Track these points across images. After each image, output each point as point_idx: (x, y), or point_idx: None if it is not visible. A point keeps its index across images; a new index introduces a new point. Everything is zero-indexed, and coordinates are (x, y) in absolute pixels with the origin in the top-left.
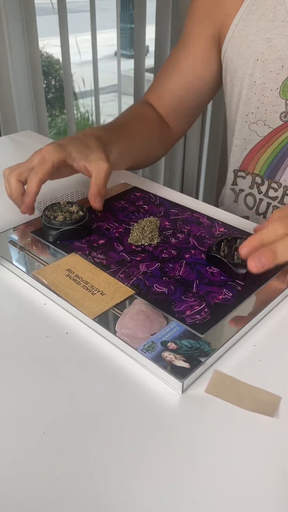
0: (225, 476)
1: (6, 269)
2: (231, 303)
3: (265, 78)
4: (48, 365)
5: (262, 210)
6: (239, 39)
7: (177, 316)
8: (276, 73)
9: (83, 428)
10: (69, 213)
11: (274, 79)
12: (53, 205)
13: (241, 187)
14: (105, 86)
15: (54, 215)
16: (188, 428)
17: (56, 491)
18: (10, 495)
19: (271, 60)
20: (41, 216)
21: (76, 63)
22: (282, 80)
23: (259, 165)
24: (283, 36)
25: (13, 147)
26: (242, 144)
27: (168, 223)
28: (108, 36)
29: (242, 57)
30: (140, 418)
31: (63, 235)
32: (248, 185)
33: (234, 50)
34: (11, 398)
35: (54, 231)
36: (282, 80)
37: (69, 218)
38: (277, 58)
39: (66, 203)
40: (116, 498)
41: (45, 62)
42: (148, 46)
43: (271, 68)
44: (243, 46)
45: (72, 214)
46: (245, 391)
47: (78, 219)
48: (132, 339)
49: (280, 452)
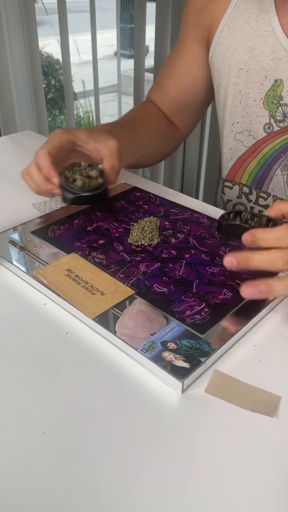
0: (225, 476)
1: (6, 269)
2: (231, 303)
3: (249, 88)
4: (48, 365)
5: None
6: (224, 46)
7: (177, 316)
8: (260, 83)
9: (83, 428)
10: (88, 178)
11: (258, 89)
12: (73, 165)
13: (228, 197)
14: (105, 86)
15: (73, 178)
16: (188, 428)
17: (56, 491)
18: (10, 495)
19: (254, 70)
20: (60, 174)
21: (76, 63)
22: (266, 91)
23: (245, 175)
24: (266, 46)
25: (13, 147)
26: (229, 153)
27: (168, 223)
28: (108, 36)
29: (226, 65)
30: (140, 418)
31: (79, 200)
32: (235, 195)
33: (219, 57)
34: (11, 398)
35: (72, 195)
36: (265, 91)
37: (88, 185)
38: (260, 68)
39: (87, 165)
40: (116, 498)
41: (45, 62)
42: (148, 46)
43: (255, 78)
44: (227, 54)
45: (91, 180)
46: (245, 391)
47: (97, 186)
48: (132, 339)
49: (280, 452)
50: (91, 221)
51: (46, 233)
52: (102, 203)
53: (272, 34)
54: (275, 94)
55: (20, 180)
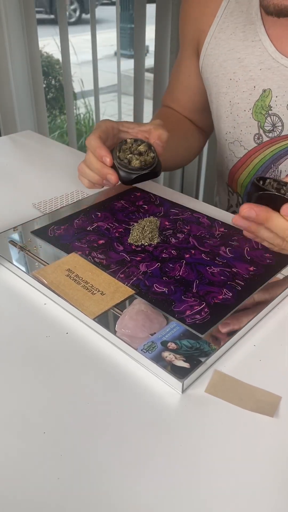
0: (225, 475)
1: (6, 269)
2: (231, 303)
3: (238, 98)
4: (48, 365)
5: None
6: (212, 57)
7: (177, 316)
8: (249, 93)
9: (83, 428)
10: (139, 154)
11: (247, 100)
12: (120, 144)
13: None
14: (105, 86)
15: (127, 158)
16: (188, 428)
17: (56, 491)
18: (10, 495)
19: (243, 80)
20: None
21: (76, 63)
22: (254, 101)
23: (238, 186)
24: (254, 56)
25: (13, 147)
26: (224, 163)
27: (168, 223)
28: (108, 36)
29: (216, 75)
30: (140, 418)
31: (138, 179)
32: (234, 202)
33: (208, 68)
34: (11, 398)
35: (132, 176)
36: (254, 101)
37: (144, 163)
38: (249, 78)
39: (133, 141)
40: (116, 498)
41: (45, 62)
42: (148, 46)
43: (244, 88)
44: (215, 65)
45: (145, 157)
46: (245, 391)
47: (152, 162)
48: (132, 339)
49: (280, 452)
50: (91, 221)
51: (46, 233)
52: (157, 175)
53: (259, 44)
54: (263, 104)
55: (20, 180)
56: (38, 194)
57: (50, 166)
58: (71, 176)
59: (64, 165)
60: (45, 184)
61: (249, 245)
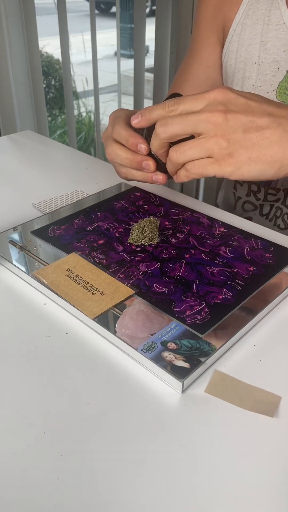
0: (225, 476)
1: (6, 269)
2: (231, 303)
3: (261, 81)
4: (48, 365)
5: (265, 211)
6: (237, 43)
7: (177, 316)
8: (272, 75)
9: (83, 428)
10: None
11: (270, 81)
12: (148, 130)
13: (239, 194)
14: (105, 86)
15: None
16: (188, 428)
17: (56, 491)
18: (10, 495)
19: (266, 62)
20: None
21: (78, 63)
22: (278, 82)
23: None
24: (277, 39)
25: (13, 147)
26: None
27: (168, 223)
28: (108, 36)
29: (241, 60)
30: (140, 418)
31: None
32: (244, 193)
33: (233, 54)
34: (11, 398)
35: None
36: (278, 82)
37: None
38: (272, 60)
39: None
40: (116, 498)
41: (45, 62)
42: (148, 46)
43: (267, 71)
44: (241, 50)
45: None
46: (245, 391)
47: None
48: (132, 339)
49: (280, 452)
50: (91, 221)
51: (46, 233)
52: None
53: (283, 28)
54: (287, 85)
55: (20, 180)
56: (38, 194)
57: (50, 166)
58: (71, 176)
59: (64, 165)
60: (45, 184)
61: (249, 245)
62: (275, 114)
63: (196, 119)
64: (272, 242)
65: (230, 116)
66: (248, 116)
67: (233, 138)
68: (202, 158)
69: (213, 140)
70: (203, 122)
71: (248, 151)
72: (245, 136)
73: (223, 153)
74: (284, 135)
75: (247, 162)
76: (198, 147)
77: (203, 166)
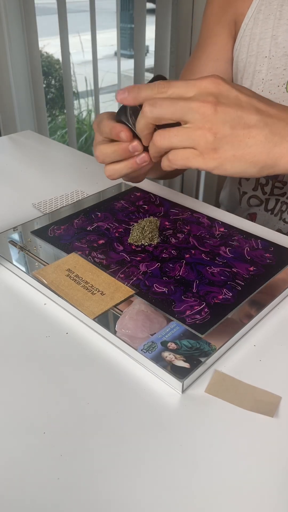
0: (225, 476)
1: (6, 269)
2: (231, 303)
3: (272, 75)
4: (48, 365)
5: (270, 206)
6: (249, 37)
7: (177, 316)
8: (283, 69)
9: (83, 428)
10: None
11: (281, 75)
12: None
13: (244, 189)
14: (105, 86)
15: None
16: (188, 428)
17: (56, 491)
18: (10, 495)
19: (277, 56)
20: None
21: (77, 63)
22: None
23: None
24: None
25: (13, 147)
26: None
27: (168, 223)
28: (108, 36)
29: (252, 55)
30: (140, 418)
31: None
32: (251, 187)
33: (244, 48)
34: (11, 398)
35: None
36: None
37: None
38: (283, 54)
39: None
40: (116, 498)
41: (45, 62)
42: (148, 46)
43: (278, 65)
44: (252, 45)
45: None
46: (245, 391)
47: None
48: (132, 339)
49: (280, 452)
50: (91, 221)
51: (46, 233)
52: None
53: None
54: None
55: (20, 180)
56: (38, 194)
57: (50, 166)
58: (71, 176)
59: (64, 165)
60: (45, 184)
61: (249, 245)
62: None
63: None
64: (272, 242)
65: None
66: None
67: (220, 133)
68: (186, 148)
69: (200, 132)
70: (192, 110)
71: (234, 148)
72: (232, 132)
73: (209, 147)
74: (269, 136)
75: (231, 159)
76: (184, 136)
77: (186, 158)
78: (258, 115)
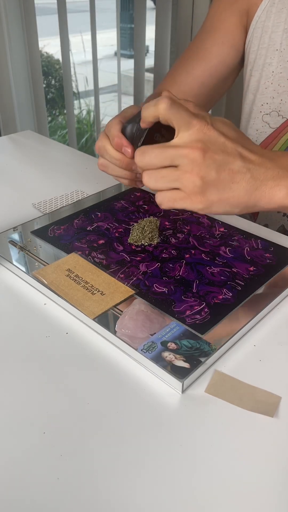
0: (225, 476)
1: (6, 269)
2: (231, 303)
3: (282, 68)
4: (48, 365)
5: None
6: (261, 29)
7: (177, 316)
8: None
9: (83, 428)
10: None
11: None
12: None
13: None
14: (105, 86)
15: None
16: (188, 428)
17: (56, 491)
18: (10, 495)
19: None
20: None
21: (78, 63)
22: None
23: None
24: None
25: (13, 147)
26: (254, 135)
27: (168, 223)
28: (108, 36)
29: (263, 47)
30: (140, 418)
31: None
32: None
33: (256, 40)
34: (11, 398)
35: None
36: None
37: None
38: None
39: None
40: (116, 498)
41: (45, 62)
42: (148, 46)
43: None
44: (264, 37)
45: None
46: (245, 391)
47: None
48: (132, 339)
49: (280, 452)
50: (91, 221)
51: (46, 233)
52: None
53: None
54: None
55: (20, 180)
56: (38, 194)
57: (50, 166)
58: (71, 176)
59: (64, 165)
60: (45, 184)
61: (249, 245)
62: (246, 158)
63: (176, 154)
64: (272, 242)
65: (207, 155)
66: (224, 158)
67: (207, 177)
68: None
69: (188, 176)
70: (181, 156)
71: (219, 192)
72: (218, 176)
73: (196, 190)
74: (251, 181)
75: (217, 202)
76: (171, 178)
77: (173, 199)
78: (242, 161)
